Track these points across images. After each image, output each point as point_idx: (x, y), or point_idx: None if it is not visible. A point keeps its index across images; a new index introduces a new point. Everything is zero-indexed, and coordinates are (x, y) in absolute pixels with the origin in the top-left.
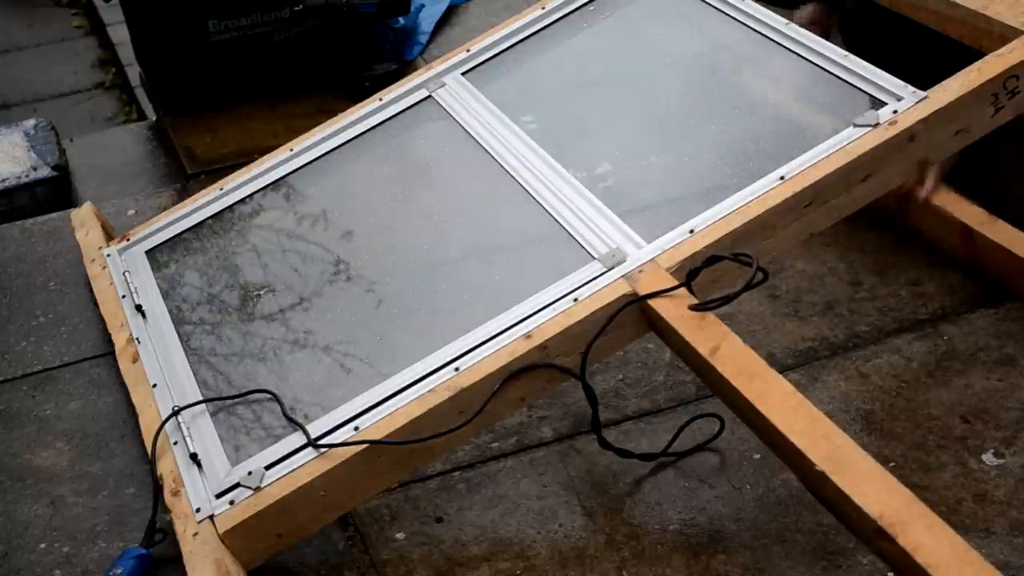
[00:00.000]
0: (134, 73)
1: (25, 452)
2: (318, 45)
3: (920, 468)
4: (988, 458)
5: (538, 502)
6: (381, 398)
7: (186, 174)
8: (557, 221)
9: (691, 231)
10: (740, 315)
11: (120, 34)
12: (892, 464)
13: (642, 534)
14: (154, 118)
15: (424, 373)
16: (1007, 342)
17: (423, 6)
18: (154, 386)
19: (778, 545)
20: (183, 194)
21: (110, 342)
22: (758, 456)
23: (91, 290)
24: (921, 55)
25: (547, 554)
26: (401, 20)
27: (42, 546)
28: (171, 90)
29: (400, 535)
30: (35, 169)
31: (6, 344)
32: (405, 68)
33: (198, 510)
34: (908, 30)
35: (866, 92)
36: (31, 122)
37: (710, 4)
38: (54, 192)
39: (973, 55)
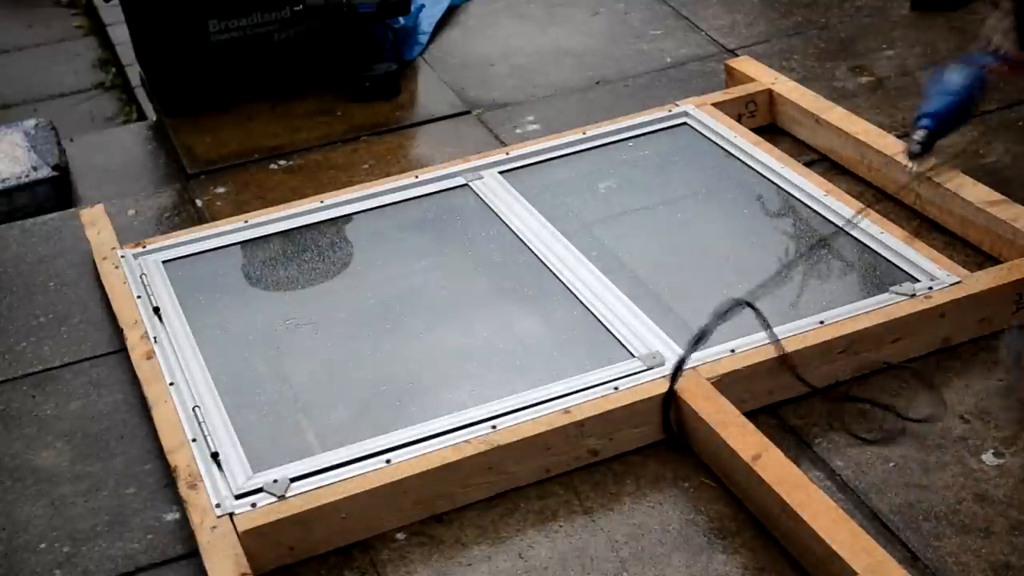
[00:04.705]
0: (134, 73)
1: (25, 452)
2: (318, 45)
3: (920, 468)
4: (988, 458)
5: (538, 502)
6: (416, 438)
7: (186, 174)
8: (596, 318)
9: (732, 351)
10: None
11: (120, 34)
12: (892, 464)
13: (642, 534)
14: (154, 118)
15: (461, 424)
16: None
17: (423, 6)
18: (171, 384)
19: (778, 545)
20: (183, 194)
21: (111, 342)
22: None
23: (91, 290)
24: None
25: (547, 554)
26: (401, 20)
27: (42, 546)
28: (171, 90)
29: (400, 535)
30: (35, 169)
31: (6, 344)
32: (405, 68)
33: (218, 505)
34: None
35: (902, 268)
36: (31, 122)
37: (757, 172)
38: (54, 192)
39: None
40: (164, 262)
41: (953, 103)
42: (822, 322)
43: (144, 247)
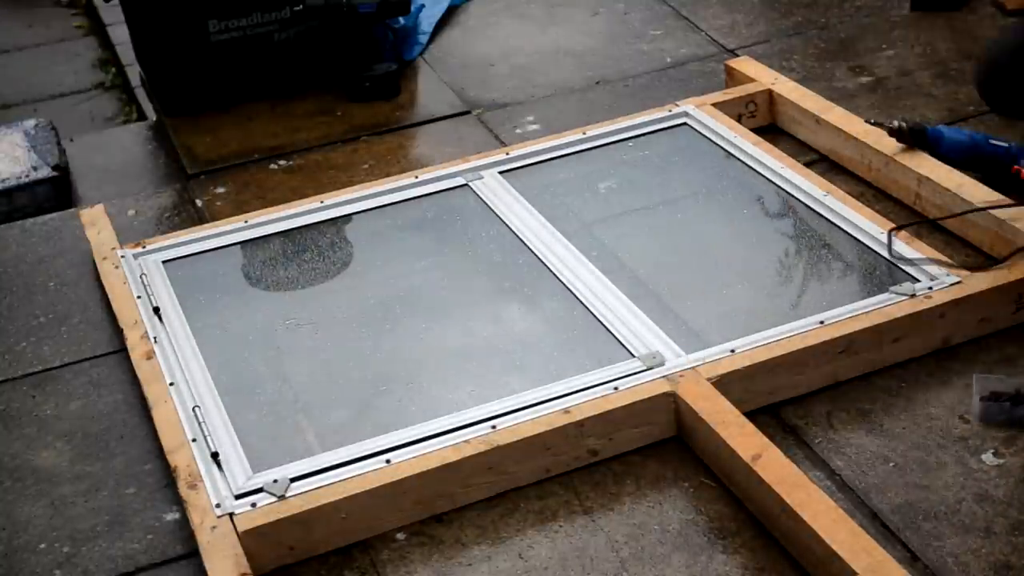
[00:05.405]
0: (134, 73)
1: (25, 452)
2: (318, 45)
3: (920, 468)
4: (988, 458)
5: (538, 502)
6: (416, 438)
7: (186, 174)
8: (596, 318)
9: (732, 351)
10: None
11: (120, 34)
12: (892, 464)
13: (642, 534)
14: (154, 118)
15: (461, 424)
16: (1007, 342)
17: (423, 6)
18: (171, 384)
19: (778, 545)
20: (183, 194)
21: (111, 342)
22: None
23: (91, 290)
24: None
25: (547, 554)
26: (401, 20)
27: (42, 546)
28: (171, 90)
29: (400, 535)
30: (35, 169)
31: (6, 344)
32: (405, 68)
33: (218, 505)
34: None
35: (902, 268)
36: (31, 122)
37: (757, 172)
38: (54, 192)
39: None
40: (164, 262)
41: (967, 143)
42: (822, 322)
43: (144, 247)
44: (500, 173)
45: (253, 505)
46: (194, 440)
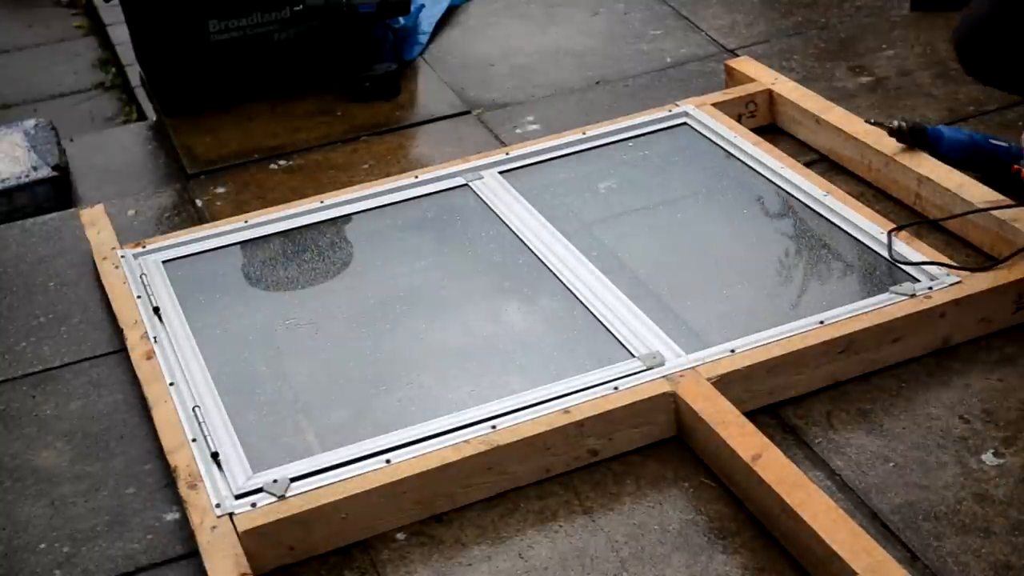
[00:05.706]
0: (134, 73)
1: (25, 452)
2: (318, 45)
3: (920, 468)
4: (988, 458)
5: (538, 502)
6: (416, 438)
7: (186, 174)
8: (596, 318)
9: (732, 351)
10: None
11: (120, 34)
12: (892, 464)
13: (642, 534)
14: (154, 118)
15: (461, 424)
16: (1007, 342)
17: (423, 6)
18: (171, 384)
19: (778, 545)
20: (183, 194)
21: (111, 342)
22: None
23: (91, 290)
24: None
25: (547, 554)
26: (401, 20)
27: (42, 546)
28: (171, 90)
29: (400, 535)
30: (35, 169)
31: (6, 344)
32: (405, 68)
33: (218, 505)
34: None
35: (903, 269)
36: (31, 122)
37: (757, 172)
38: (54, 192)
39: None
40: (164, 262)
41: (967, 143)
42: (822, 322)
43: (144, 247)
44: (500, 173)
45: (253, 505)
46: (194, 440)
